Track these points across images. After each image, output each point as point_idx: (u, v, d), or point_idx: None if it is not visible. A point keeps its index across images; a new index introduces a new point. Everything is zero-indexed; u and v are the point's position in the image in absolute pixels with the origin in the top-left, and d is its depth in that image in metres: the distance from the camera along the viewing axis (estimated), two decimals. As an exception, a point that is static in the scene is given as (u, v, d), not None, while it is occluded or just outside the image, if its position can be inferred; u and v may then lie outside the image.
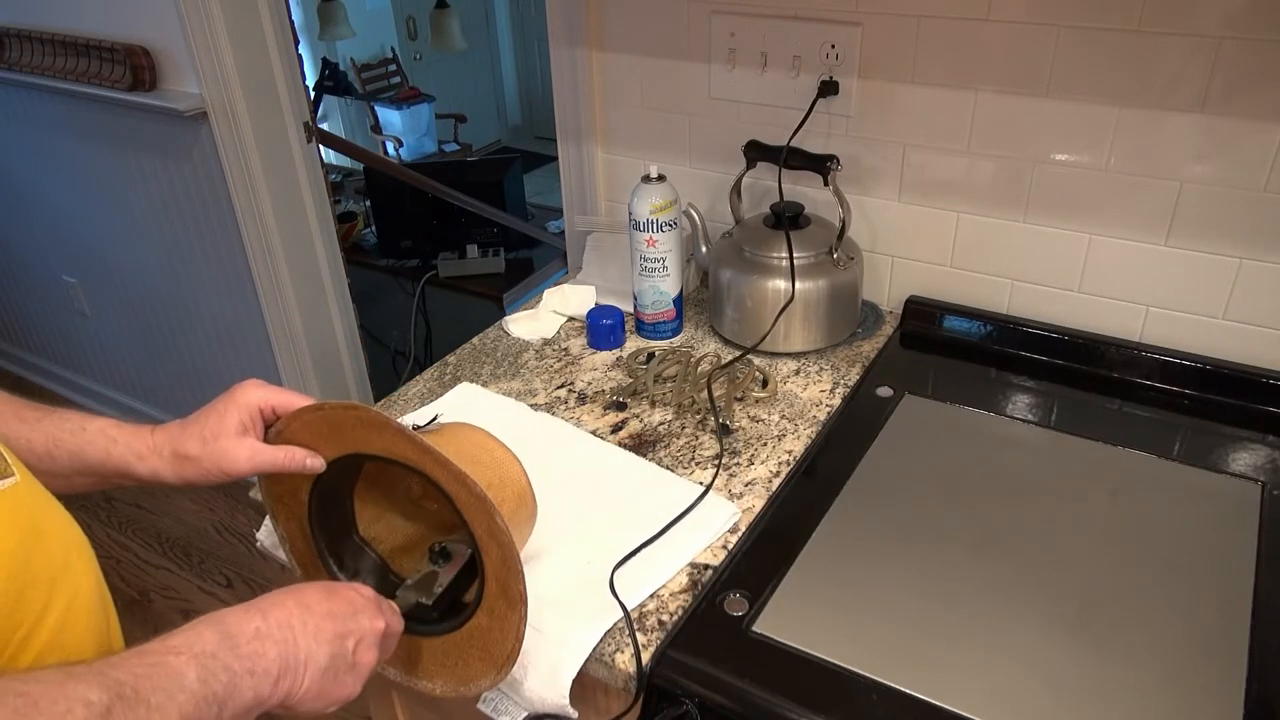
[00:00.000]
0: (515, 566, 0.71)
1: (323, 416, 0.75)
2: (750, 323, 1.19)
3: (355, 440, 0.75)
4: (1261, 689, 0.73)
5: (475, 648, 0.76)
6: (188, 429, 0.75)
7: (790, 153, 1.17)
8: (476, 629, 0.75)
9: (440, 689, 0.78)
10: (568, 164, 1.47)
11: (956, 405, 1.10)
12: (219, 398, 0.76)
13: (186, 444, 0.74)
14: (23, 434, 0.72)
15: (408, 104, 4.54)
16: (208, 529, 2.43)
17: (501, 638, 0.74)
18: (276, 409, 0.77)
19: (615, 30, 1.32)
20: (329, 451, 0.76)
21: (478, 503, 0.71)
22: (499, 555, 0.72)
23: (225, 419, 0.75)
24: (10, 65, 2.10)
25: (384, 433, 0.73)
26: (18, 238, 2.60)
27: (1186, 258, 1.08)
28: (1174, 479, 0.97)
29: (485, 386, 1.16)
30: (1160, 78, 1.00)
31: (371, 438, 0.74)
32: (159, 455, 0.74)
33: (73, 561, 0.61)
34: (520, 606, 0.72)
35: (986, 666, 0.76)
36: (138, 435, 0.74)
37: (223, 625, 0.58)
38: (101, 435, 0.73)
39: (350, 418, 0.74)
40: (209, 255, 2.16)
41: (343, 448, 0.76)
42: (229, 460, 0.74)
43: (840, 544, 0.90)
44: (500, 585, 0.73)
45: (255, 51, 1.85)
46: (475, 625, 0.75)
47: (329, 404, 0.75)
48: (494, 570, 0.73)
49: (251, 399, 0.76)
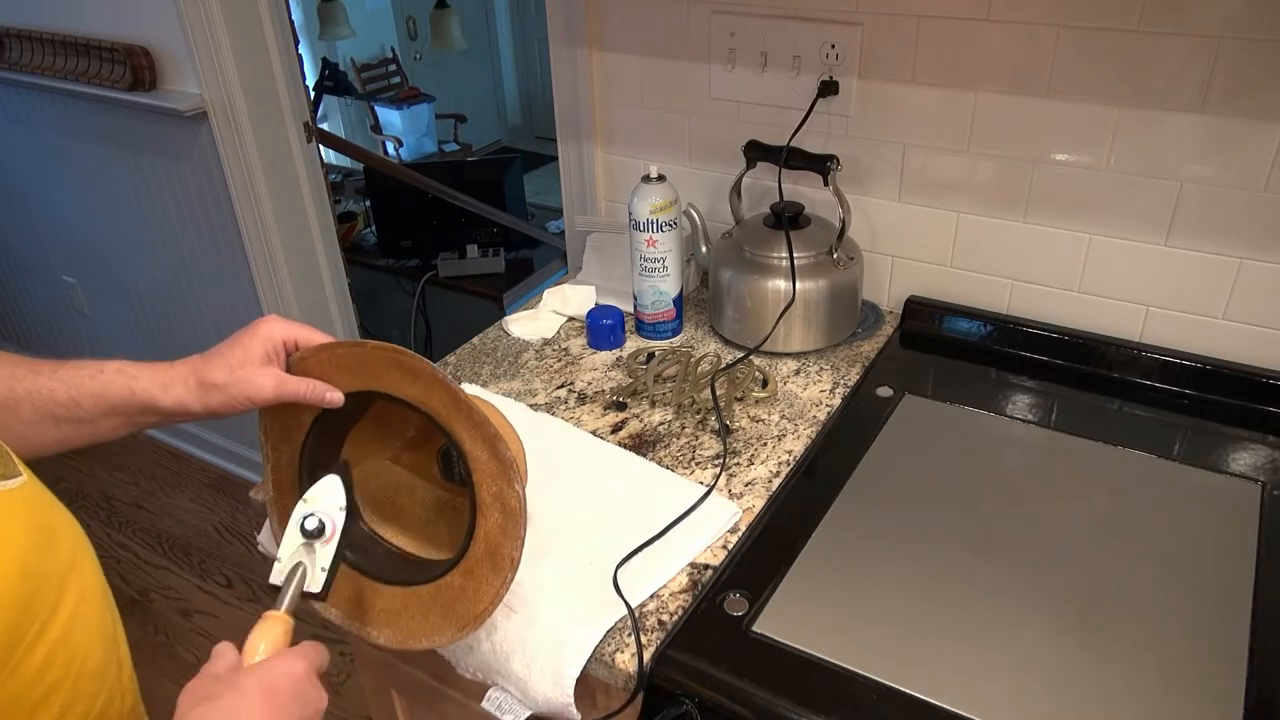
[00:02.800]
0: (517, 533, 0.72)
1: (356, 354, 0.76)
2: (750, 323, 1.19)
3: (380, 380, 0.76)
4: (1261, 689, 0.73)
5: (438, 605, 0.77)
6: (212, 360, 0.76)
7: (790, 153, 1.17)
8: (446, 587, 0.76)
9: (385, 639, 0.79)
10: (568, 164, 1.47)
11: (956, 405, 1.10)
12: (242, 330, 0.78)
13: (212, 372, 0.75)
14: (43, 386, 0.72)
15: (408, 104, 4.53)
16: (208, 529, 2.43)
17: (474, 599, 0.75)
18: (299, 342, 0.78)
19: (615, 30, 1.32)
20: (346, 386, 0.77)
21: (500, 467, 0.72)
22: (499, 521, 0.73)
23: (250, 349, 0.76)
24: (10, 65, 2.10)
25: (419, 379, 0.74)
26: (18, 238, 2.60)
27: (1186, 258, 1.08)
28: (1174, 479, 0.97)
29: (485, 387, 1.16)
30: (1160, 78, 1.00)
31: (402, 382, 0.75)
32: (184, 384, 0.75)
33: (79, 560, 0.62)
34: (505, 573, 0.73)
35: (986, 666, 0.76)
36: (157, 369, 0.76)
37: None
38: (120, 374, 0.74)
39: (385, 359, 0.75)
40: (209, 255, 2.16)
41: (362, 385, 0.77)
42: (255, 388, 0.75)
43: (840, 544, 0.90)
44: (490, 549, 0.74)
45: (255, 51, 1.85)
46: (446, 583, 0.76)
47: (369, 344, 0.76)
48: (487, 534, 0.74)
49: (275, 332, 0.78)
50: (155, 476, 2.62)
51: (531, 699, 0.80)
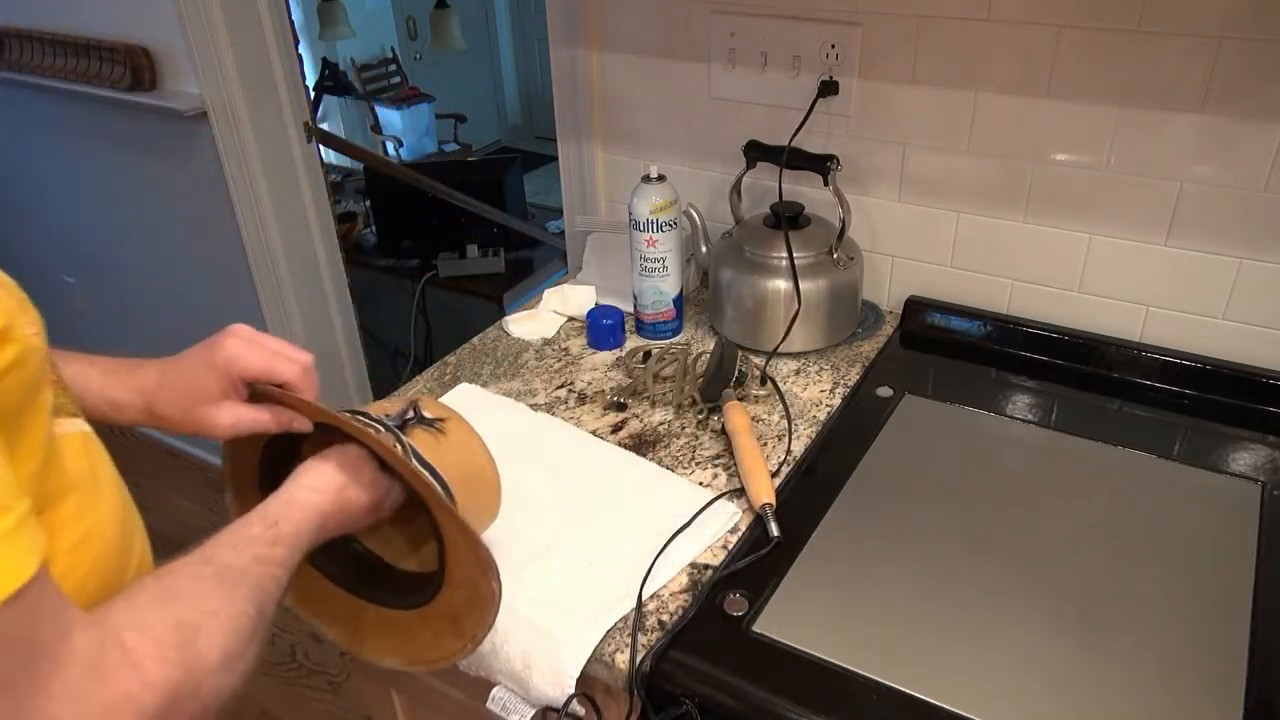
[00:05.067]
0: (484, 619, 0.72)
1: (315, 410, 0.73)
2: (750, 323, 1.19)
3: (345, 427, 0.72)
4: (1261, 689, 0.73)
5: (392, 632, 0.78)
6: (165, 392, 0.73)
7: (790, 153, 1.17)
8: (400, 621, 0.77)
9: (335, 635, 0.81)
10: (568, 164, 1.47)
11: (956, 405, 1.10)
12: (203, 348, 0.73)
13: (164, 409, 0.72)
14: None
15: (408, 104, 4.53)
16: (207, 529, 2.41)
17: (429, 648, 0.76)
18: (263, 377, 0.73)
19: (615, 30, 1.32)
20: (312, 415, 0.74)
21: (479, 565, 0.70)
22: (467, 598, 0.73)
23: (206, 387, 0.72)
24: (10, 65, 2.09)
25: (380, 448, 0.71)
26: (18, 238, 2.60)
27: (1186, 258, 1.08)
28: (1174, 479, 0.97)
29: (485, 387, 1.16)
30: (1160, 78, 1.00)
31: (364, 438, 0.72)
32: (136, 409, 0.73)
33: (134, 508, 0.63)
34: (466, 642, 0.73)
35: (986, 666, 0.76)
36: (113, 383, 0.73)
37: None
38: (81, 378, 0.71)
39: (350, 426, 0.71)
40: (209, 255, 2.16)
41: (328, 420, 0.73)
42: (208, 427, 0.72)
43: (840, 544, 0.90)
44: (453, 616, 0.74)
45: (255, 51, 1.85)
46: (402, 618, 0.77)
47: (331, 414, 0.72)
48: (451, 604, 0.74)
49: (234, 367, 0.72)
50: (154, 476, 2.62)
51: (532, 698, 0.80)
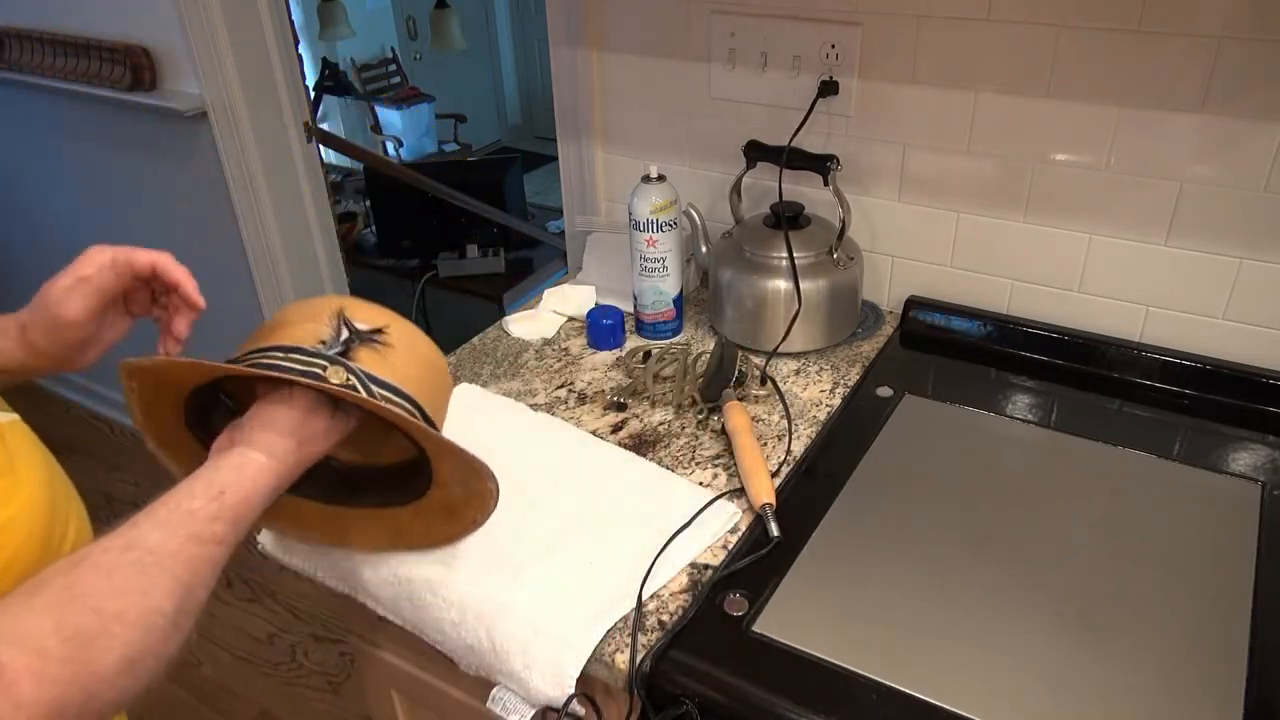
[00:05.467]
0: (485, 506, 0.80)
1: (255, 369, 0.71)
2: (750, 323, 1.19)
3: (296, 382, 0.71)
4: (1261, 689, 0.73)
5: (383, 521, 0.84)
6: (33, 314, 0.76)
7: (790, 153, 1.17)
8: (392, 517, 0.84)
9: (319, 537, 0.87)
10: (568, 164, 1.47)
11: (956, 405, 1.10)
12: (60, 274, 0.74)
13: (34, 334, 0.75)
14: None
15: (408, 104, 4.54)
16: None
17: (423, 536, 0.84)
18: (118, 262, 0.75)
19: (615, 30, 1.32)
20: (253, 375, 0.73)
21: (455, 454, 0.75)
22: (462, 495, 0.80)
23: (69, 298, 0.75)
24: (10, 65, 2.10)
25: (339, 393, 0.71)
26: (18, 238, 2.60)
27: (1187, 258, 1.08)
28: (1174, 479, 0.97)
29: (485, 387, 1.16)
30: (1160, 78, 1.00)
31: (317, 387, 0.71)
32: (15, 344, 0.74)
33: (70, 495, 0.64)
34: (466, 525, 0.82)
35: (986, 666, 0.76)
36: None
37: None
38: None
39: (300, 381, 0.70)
40: (209, 255, 2.16)
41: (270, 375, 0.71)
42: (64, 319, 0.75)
43: (840, 544, 0.90)
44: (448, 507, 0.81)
45: (255, 51, 1.85)
46: (392, 514, 0.84)
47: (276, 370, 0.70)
48: (446, 498, 0.80)
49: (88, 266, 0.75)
50: (155, 476, 2.62)
51: (532, 698, 0.80)
